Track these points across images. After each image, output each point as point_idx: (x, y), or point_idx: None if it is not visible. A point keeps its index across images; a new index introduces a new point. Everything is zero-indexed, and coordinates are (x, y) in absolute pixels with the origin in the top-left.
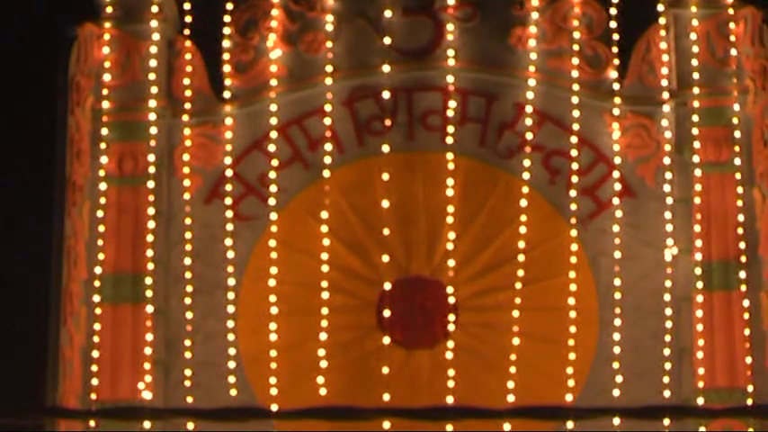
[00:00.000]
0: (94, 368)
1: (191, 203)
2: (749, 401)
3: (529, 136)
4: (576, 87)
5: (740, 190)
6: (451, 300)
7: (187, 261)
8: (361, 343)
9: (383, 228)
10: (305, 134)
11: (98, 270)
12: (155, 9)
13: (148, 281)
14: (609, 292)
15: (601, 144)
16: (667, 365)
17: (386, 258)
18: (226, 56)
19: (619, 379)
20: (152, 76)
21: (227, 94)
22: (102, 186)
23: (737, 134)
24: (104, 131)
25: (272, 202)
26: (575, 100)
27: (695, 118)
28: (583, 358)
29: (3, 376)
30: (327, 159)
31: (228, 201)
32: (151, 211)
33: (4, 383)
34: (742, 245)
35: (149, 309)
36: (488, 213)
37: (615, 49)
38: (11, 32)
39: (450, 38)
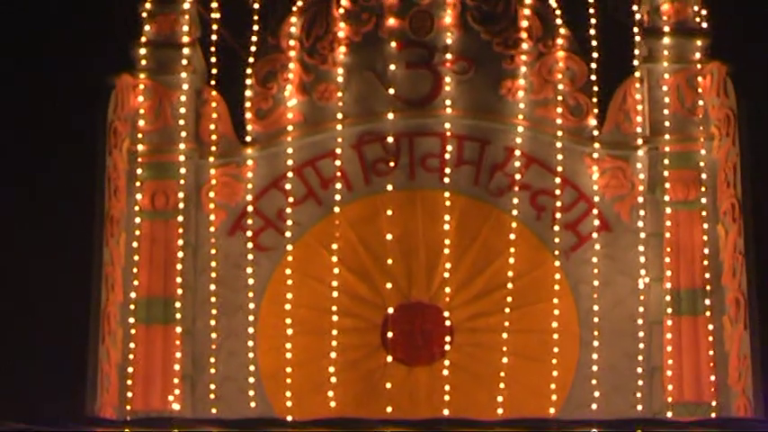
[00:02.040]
0: (129, 382)
1: (216, 235)
2: (713, 415)
3: (517, 176)
4: (559, 133)
5: (706, 226)
6: (448, 323)
7: (212, 287)
8: (366, 361)
9: (387, 258)
10: (318, 174)
11: (133, 294)
12: (184, 62)
13: (178, 304)
14: (588, 316)
15: (582, 184)
16: (640, 382)
17: (389, 285)
18: (248, 104)
19: (596, 394)
20: (182, 122)
21: (248, 138)
22: (137, 220)
23: (704, 176)
24: (139, 171)
25: (288, 234)
26: (559, 144)
27: (666, 161)
28: (564, 375)
29: (48, 389)
30: (338, 197)
31: (249, 233)
32: (180, 242)
33: (49, 395)
34: (707, 275)
35: (178, 329)
36: (481, 245)
37: (595, 100)
38: (56, 82)
39: (448, 89)
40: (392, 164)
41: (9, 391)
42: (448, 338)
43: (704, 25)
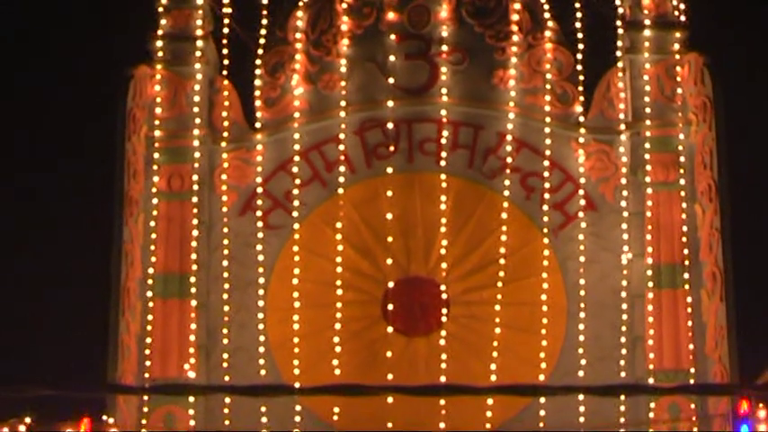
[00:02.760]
0: (148, 352)
1: (228, 215)
2: (691, 381)
3: (509, 160)
4: (548, 119)
5: (684, 205)
6: (444, 296)
7: (225, 263)
8: (368, 332)
9: (388, 236)
10: (323, 158)
11: (151, 270)
12: (198, 54)
13: (192, 279)
14: (575, 289)
15: (569, 166)
16: (623, 351)
17: (390, 261)
18: (257, 92)
19: (583, 362)
20: (196, 110)
21: (258, 125)
22: (154, 201)
23: (682, 159)
24: (156, 155)
25: (295, 214)
26: (547, 130)
27: (647, 145)
28: (553, 345)
29: (73, 359)
30: (341, 179)
31: (259, 213)
32: (195, 221)
33: (75, 365)
34: (686, 251)
35: (193, 303)
36: (475, 224)
37: (581, 88)
38: (79, 73)
39: (444, 78)
40: (392, 148)
41: (37, 359)
42: (444, 311)
43: (682, 19)
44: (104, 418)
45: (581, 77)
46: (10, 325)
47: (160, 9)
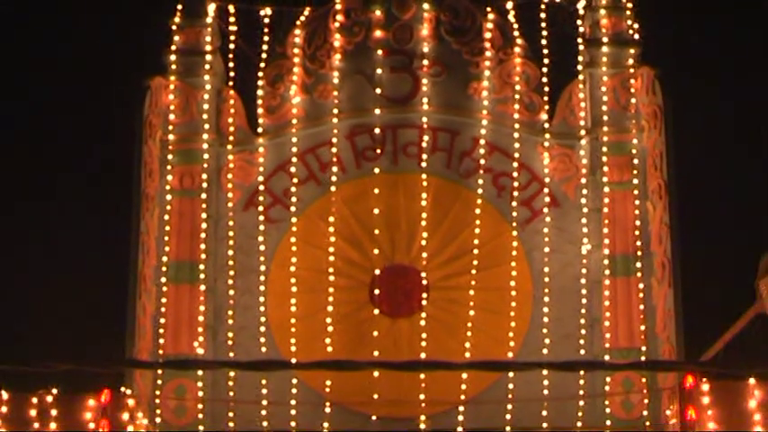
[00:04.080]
0: (161, 331)
1: (233, 210)
2: (643, 358)
3: (482, 162)
4: (517, 126)
5: (637, 202)
6: (425, 282)
7: (230, 252)
8: (357, 314)
9: (375, 228)
10: (317, 159)
11: (164, 259)
12: (207, 67)
13: (201, 267)
14: (540, 277)
15: (535, 168)
16: (583, 331)
17: (376, 251)
18: (259, 101)
19: (547, 341)
20: (205, 116)
21: (260, 130)
22: (168, 197)
23: (636, 161)
24: (170, 157)
25: (293, 209)
26: (516, 135)
27: (604, 149)
28: (521, 326)
29: (95, 338)
30: (334, 178)
31: (261, 208)
32: (203, 215)
33: (96, 343)
34: (638, 243)
35: (202, 287)
36: (452, 218)
37: (546, 98)
38: (102, 83)
39: (425, 89)
40: (379, 151)
41: (61, 336)
42: (425, 295)
43: (636, 37)
44: (123, 389)
45: (546, 89)
46: (41, 307)
47: (173, 27)
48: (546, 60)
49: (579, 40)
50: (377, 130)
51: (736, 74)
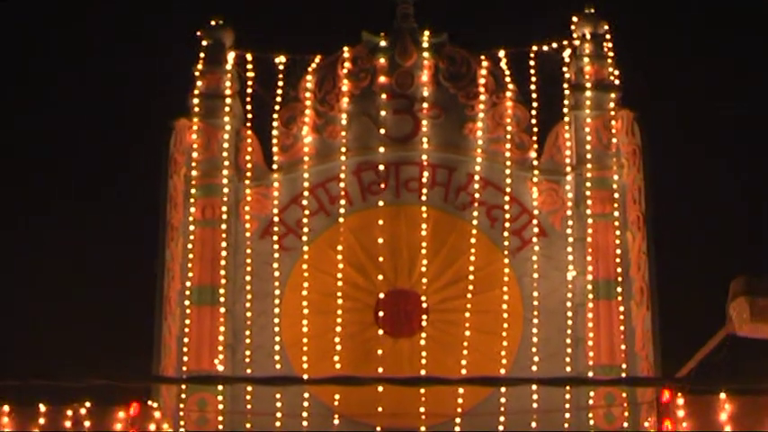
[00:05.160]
0: (185, 349)
1: (250, 239)
2: (623, 374)
3: (477, 195)
4: (508, 163)
5: (618, 233)
6: (424, 305)
7: (247, 278)
8: (363, 334)
9: (379, 256)
10: (327, 193)
11: (188, 283)
12: (227, 109)
13: (221, 291)
14: (530, 300)
15: (525, 201)
16: (569, 350)
17: (380, 277)
18: (274, 140)
19: (536, 359)
20: (225, 154)
21: (275, 166)
22: (191, 227)
23: (616, 195)
24: (193, 190)
25: (304, 238)
26: (507, 171)
27: (588, 184)
28: (512, 345)
29: (124, 355)
30: (342, 210)
31: (275, 237)
32: (223, 244)
33: (126, 360)
34: (619, 269)
35: (222, 309)
36: (449, 247)
37: (535, 138)
38: (132, 125)
39: (424, 129)
40: (383, 186)
41: (94, 354)
42: (424, 317)
43: (617, 82)
44: (150, 402)
45: (535, 129)
46: (77, 328)
47: (197, 73)
48: (535, 104)
49: (565, 86)
50: (381, 167)
51: (708, 115)
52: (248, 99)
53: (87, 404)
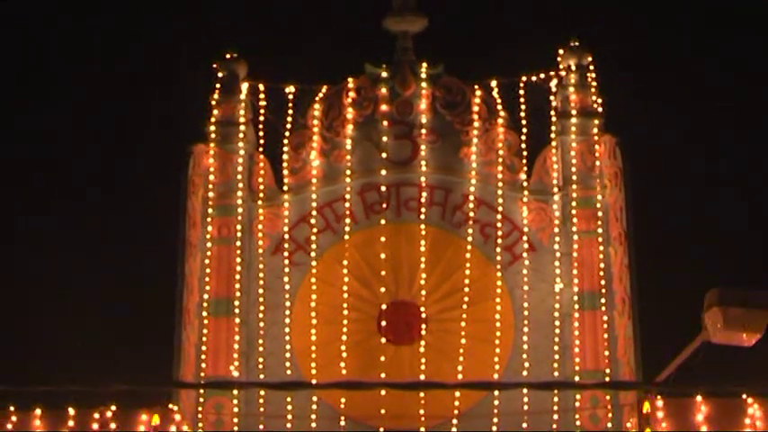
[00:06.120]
0: (203, 356)
1: (263, 255)
2: (607, 379)
3: (471, 214)
4: (500, 184)
5: (602, 248)
6: (423, 315)
7: (260, 291)
8: (367, 342)
9: (381, 270)
10: (333, 212)
11: (206, 296)
12: (241, 135)
13: (236, 303)
14: (521, 310)
15: (515, 219)
16: (556, 356)
17: (383, 289)
18: (285, 164)
19: (526, 365)
20: (239, 177)
21: (285, 188)
22: (208, 244)
23: (600, 213)
24: (209, 210)
25: (312, 254)
26: (499, 192)
27: (574, 203)
28: (504, 352)
29: (147, 363)
30: (347, 228)
31: (286, 254)
32: (238, 259)
33: (148, 367)
34: (603, 282)
35: (237, 320)
36: (446, 262)
37: (524, 161)
38: (154, 150)
39: (423, 153)
40: (384, 205)
41: (119, 361)
42: (424, 326)
43: (600, 110)
44: (170, 406)
45: (525, 153)
46: (100, 337)
47: (213, 102)
48: (524, 129)
49: (552, 113)
50: (383, 188)
51: (686, 144)
52: (261, 126)
53: (113, 408)
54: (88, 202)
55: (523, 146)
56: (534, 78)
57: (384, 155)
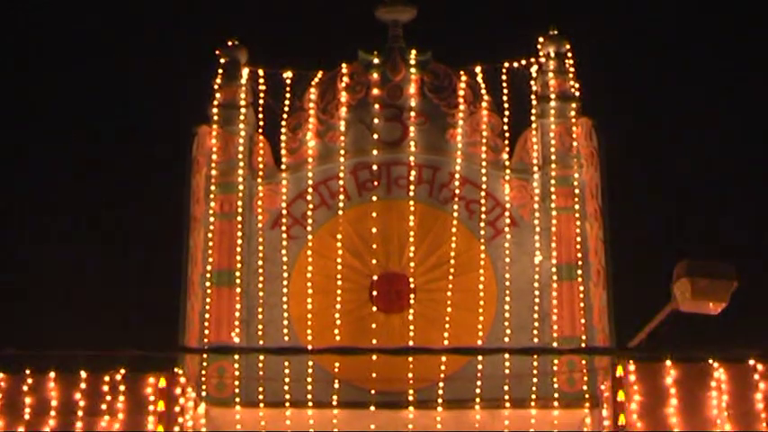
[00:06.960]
0: (206, 324)
1: (262, 229)
2: (583, 345)
3: (457, 191)
4: (484, 164)
5: (578, 223)
6: (412, 285)
7: (260, 262)
8: (359, 310)
9: (373, 244)
10: (328, 190)
11: (209, 267)
12: (242, 117)
13: (237, 274)
14: (503, 281)
15: (498, 196)
16: (536, 324)
17: (374, 261)
18: (283, 144)
19: (508, 331)
20: (240, 156)
21: (283, 166)
22: (211, 219)
23: (577, 191)
24: (212, 187)
25: (309, 228)
26: (483, 171)
27: (552, 181)
28: (487, 320)
29: (155, 330)
30: (341, 204)
31: (284, 228)
32: (239, 233)
33: (155, 334)
34: (579, 255)
35: (238, 290)
36: (433, 236)
37: (506, 142)
38: (161, 131)
39: (412, 135)
40: (376, 183)
41: (128, 328)
42: (412, 296)
43: (577, 94)
44: (176, 370)
45: (507, 134)
46: (113, 307)
47: (215, 86)
48: (506, 112)
49: (532, 97)
50: (374, 167)
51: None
52: (260, 109)
53: (122, 371)
54: (101, 181)
55: (506, 128)
56: (516, 65)
57: (375, 136)
